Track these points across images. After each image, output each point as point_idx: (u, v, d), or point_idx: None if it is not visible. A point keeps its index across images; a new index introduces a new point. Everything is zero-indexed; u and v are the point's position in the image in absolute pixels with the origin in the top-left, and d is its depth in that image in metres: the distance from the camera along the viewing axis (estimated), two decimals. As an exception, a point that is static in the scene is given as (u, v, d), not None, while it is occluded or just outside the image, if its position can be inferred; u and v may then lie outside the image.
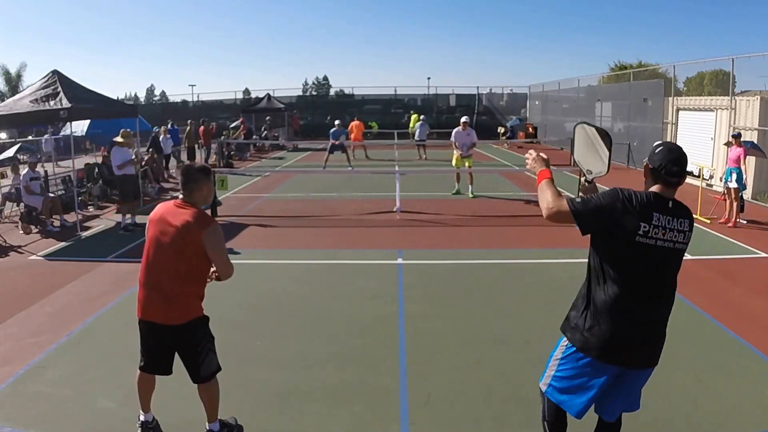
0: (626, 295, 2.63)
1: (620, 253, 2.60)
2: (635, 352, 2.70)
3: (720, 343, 5.14)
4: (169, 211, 3.42)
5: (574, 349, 2.77)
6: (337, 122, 18.75)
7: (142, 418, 3.70)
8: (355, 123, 21.99)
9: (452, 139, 13.11)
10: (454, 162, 13.19)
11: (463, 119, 13.34)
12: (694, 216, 10.86)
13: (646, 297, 2.65)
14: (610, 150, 3.08)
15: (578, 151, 3.19)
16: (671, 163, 2.64)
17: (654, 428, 3.77)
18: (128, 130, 10.29)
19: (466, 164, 13.00)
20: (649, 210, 2.58)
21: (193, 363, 3.47)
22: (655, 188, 2.69)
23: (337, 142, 17.56)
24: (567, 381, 2.81)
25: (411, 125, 27.34)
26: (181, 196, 3.46)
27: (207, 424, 3.61)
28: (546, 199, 2.76)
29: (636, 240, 2.55)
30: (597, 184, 3.16)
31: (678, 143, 16.03)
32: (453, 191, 13.08)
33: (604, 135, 3.13)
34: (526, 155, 3.08)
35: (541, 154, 3.03)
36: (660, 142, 2.87)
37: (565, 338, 2.86)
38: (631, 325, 2.65)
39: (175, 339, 3.44)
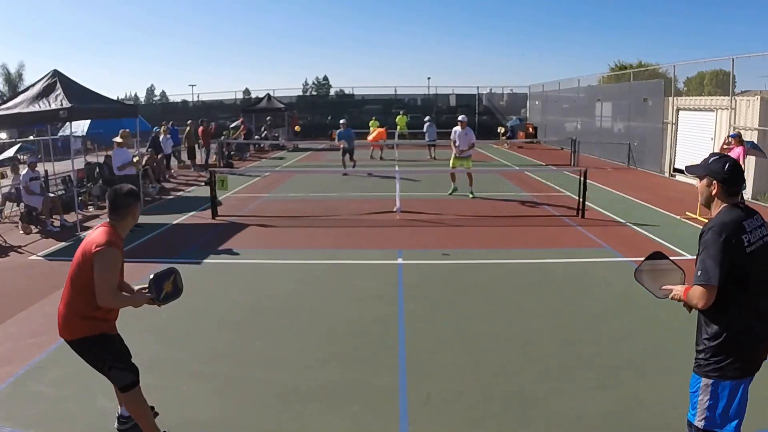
0: (753, 300, 2.78)
1: (741, 270, 2.76)
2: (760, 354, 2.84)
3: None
4: (91, 232, 3.46)
5: (713, 381, 2.85)
6: (342, 121, 17.48)
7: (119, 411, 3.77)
8: (380, 130, 21.27)
9: (452, 137, 13.04)
10: (451, 163, 13.12)
11: (461, 118, 13.25)
12: (694, 216, 10.77)
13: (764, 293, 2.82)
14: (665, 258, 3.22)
15: (653, 286, 3.18)
16: (739, 177, 2.94)
17: (654, 428, 3.77)
18: (127, 130, 10.29)
19: (464, 165, 12.89)
20: (740, 223, 2.80)
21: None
22: (730, 201, 2.89)
23: (345, 145, 16.37)
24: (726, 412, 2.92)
25: (399, 127, 27.32)
26: (109, 219, 3.47)
27: None
28: (695, 298, 2.80)
29: (747, 252, 2.76)
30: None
31: (678, 143, 16.00)
32: (449, 191, 13.03)
33: (655, 257, 3.23)
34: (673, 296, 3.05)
35: (677, 295, 3.00)
36: (717, 157, 2.96)
37: (702, 379, 2.89)
38: (757, 323, 2.79)
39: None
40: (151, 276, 3.49)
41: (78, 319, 3.42)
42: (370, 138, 20.91)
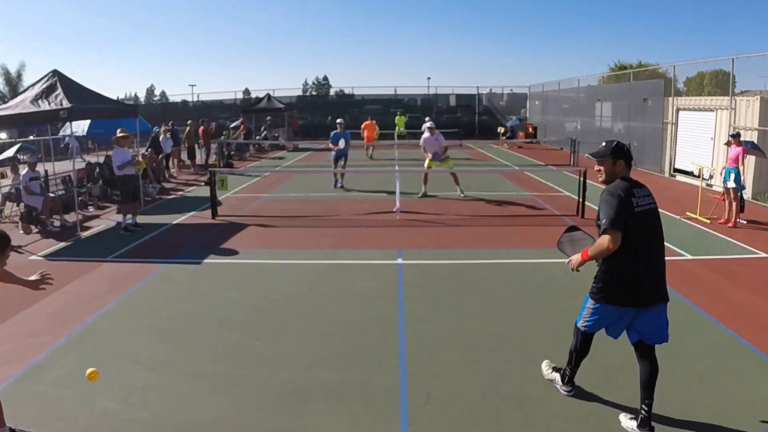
0: (637, 249, 3.60)
1: (629, 225, 3.57)
2: (644, 292, 3.68)
3: (720, 343, 5.15)
4: None
5: (598, 306, 3.81)
6: (339, 121, 15.45)
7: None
8: (367, 123, 21.79)
9: (421, 144, 12.72)
10: (426, 164, 12.74)
11: (428, 125, 12.77)
12: (694, 216, 10.79)
13: (648, 247, 3.67)
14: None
15: (573, 253, 3.97)
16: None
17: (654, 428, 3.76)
18: (125, 130, 10.28)
19: (445, 166, 12.71)
20: (631, 189, 3.68)
21: None
22: (625, 174, 3.78)
23: (338, 148, 14.30)
24: (600, 322, 3.90)
25: (398, 127, 27.39)
26: None
27: None
28: (600, 249, 3.62)
29: (636, 212, 3.60)
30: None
31: (678, 143, 15.98)
32: (419, 195, 12.58)
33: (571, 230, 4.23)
34: (569, 264, 3.93)
35: (573, 263, 3.88)
36: (613, 140, 3.90)
37: (590, 300, 3.86)
38: (643, 269, 3.63)
39: None
40: None
41: None
42: (364, 136, 21.02)
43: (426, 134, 12.67)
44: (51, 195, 10.93)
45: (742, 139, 10.33)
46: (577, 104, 25.51)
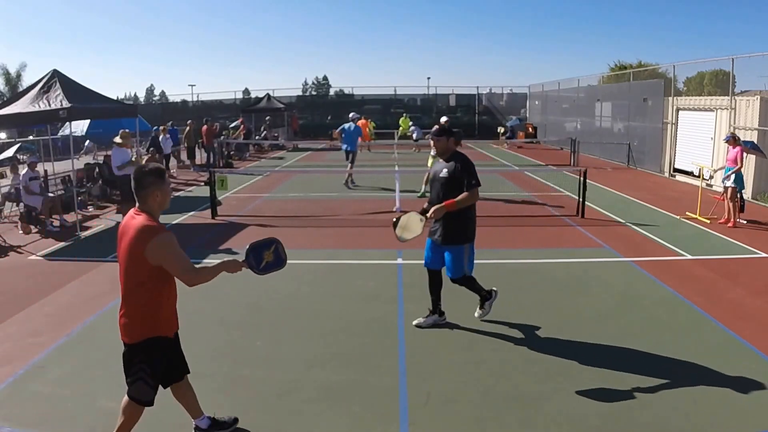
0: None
1: None
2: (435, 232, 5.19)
3: (720, 343, 5.14)
4: (125, 223, 3.24)
5: (470, 244, 5.20)
6: (351, 115, 15.63)
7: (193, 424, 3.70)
8: (360, 122, 21.85)
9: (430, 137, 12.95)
10: (430, 162, 12.89)
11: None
12: (694, 216, 10.81)
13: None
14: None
15: (414, 230, 5.12)
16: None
17: (654, 428, 3.77)
18: (127, 130, 10.28)
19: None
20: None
21: (126, 377, 3.32)
22: (456, 149, 5.21)
23: (348, 148, 14.61)
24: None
25: (402, 127, 27.44)
26: (137, 204, 3.25)
27: None
28: (472, 200, 5.01)
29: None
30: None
31: (678, 143, 16.02)
32: (419, 193, 12.54)
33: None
34: (430, 214, 5.00)
35: (432, 214, 4.99)
36: (446, 121, 5.22)
37: (463, 246, 5.19)
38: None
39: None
40: (248, 246, 3.41)
41: (145, 319, 3.19)
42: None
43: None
44: (51, 195, 10.93)
45: (742, 138, 10.34)
46: (577, 104, 25.52)
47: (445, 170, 5.07)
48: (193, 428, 3.72)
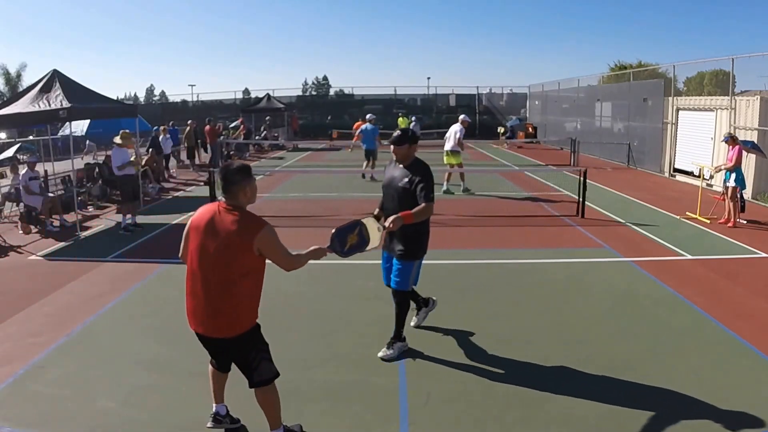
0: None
1: None
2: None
3: (720, 343, 5.14)
4: (215, 218, 3.29)
5: (419, 261, 4.88)
6: (368, 116, 16.23)
7: (213, 408, 3.77)
8: (358, 123, 21.92)
9: (460, 136, 13.22)
10: (445, 160, 13.49)
11: (462, 117, 13.77)
12: (694, 216, 10.80)
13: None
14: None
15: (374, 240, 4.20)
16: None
17: (654, 428, 3.77)
18: (127, 131, 10.28)
19: (451, 161, 13.30)
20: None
21: (245, 370, 3.49)
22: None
23: (368, 146, 15.32)
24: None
25: (401, 127, 27.46)
26: (223, 199, 3.34)
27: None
28: (427, 214, 4.53)
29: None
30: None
31: (678, 143, 15.99)
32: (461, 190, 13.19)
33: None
34: (388, 225, 4.37)
35: (391, 224, 4.38)
36: (407, 129, 4.84)
37: (412, 261, 4.86)
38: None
39: (224, 348, 3.47)
40: (333, 231, 3.57)
41: (248, 310, 3.40)
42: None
43: (458, 126, 13.29)
44: (51, 195, 10.92)
45: (742, 138, 10.34)
46: (577, 104, 25.51)
47: (405, 180, 4.64)
48: (213, 414, 3.78)
